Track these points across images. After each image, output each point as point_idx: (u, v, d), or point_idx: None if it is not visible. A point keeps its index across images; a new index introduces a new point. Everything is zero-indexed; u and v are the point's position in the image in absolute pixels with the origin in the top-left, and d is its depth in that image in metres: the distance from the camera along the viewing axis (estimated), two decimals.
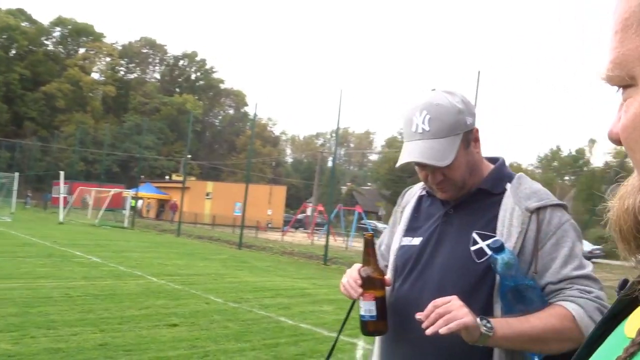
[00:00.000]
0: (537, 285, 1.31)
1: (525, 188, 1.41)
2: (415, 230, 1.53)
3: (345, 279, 1.47)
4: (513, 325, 1.23)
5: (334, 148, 23.67)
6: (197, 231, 27.46)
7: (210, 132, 77.33)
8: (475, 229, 1.40)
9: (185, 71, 79.29)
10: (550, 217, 1.36)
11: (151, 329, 6.16)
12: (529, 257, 1.33)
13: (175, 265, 12.56)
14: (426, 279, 1.42)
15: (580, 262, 1.34)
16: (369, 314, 1.41)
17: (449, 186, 1.43)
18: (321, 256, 16.99)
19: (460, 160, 1.40)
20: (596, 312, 1.26)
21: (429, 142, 1.37)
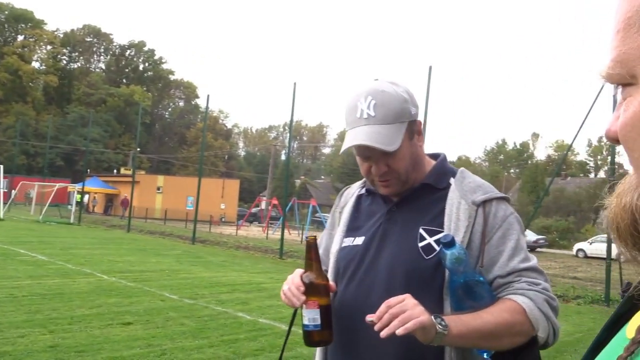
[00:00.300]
0: (485, 280, 1.29)
1: (469, 182, 1.41)
2: (357, 230, 1.48)
3: (286, 286, 1.38)
4: (467, 322, 1.21)
5: (288, 141, 23.60)
6: (148, 226, 26.85)
7: (160, 124, 75.54)
8: (422, 225, 1.37)
9: (133, 61, 76.98)
10: (496, 210, 1.36)
11: (104, 328, 5.96)
12: (476, 252, 1.32)
13: (126, 262, 12.21)
14: (372, 280, 1.36)
15: (526, 255, 1.34)
16: (312, 323, 1.32)
17: (393, 180, 1.39)
18: (277, 250, 16.94)
19: (405, 150, 1.37)
20: (545, 304, 1.27)
21: (375, 127, 1.33)
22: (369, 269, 1.38)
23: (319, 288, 1.34)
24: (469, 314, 1.22)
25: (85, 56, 73.90)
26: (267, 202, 37.46)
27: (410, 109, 1.38)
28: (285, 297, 1.37)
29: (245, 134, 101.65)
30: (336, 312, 1.39)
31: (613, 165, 11.40)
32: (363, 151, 1.39)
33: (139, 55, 77.11)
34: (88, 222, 27.64)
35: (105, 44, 75.78)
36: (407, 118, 1.37)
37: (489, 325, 1.21)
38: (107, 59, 76.01)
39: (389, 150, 1.33)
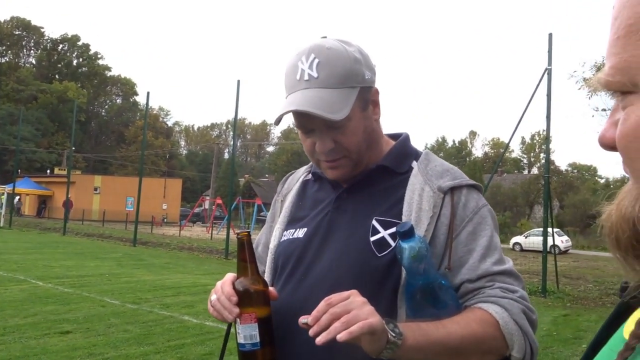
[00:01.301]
0: (449, 284, 1.07)
1: (435, 165, 1.18)
2: (299, 220, 1.25)
3: (214, 296, 1.09)
4: (427, 332, 0.97)
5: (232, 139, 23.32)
6: (86, 229, 25.83)
7: (96, 122, 72.74)
8: (375, 216, 1.14)
9: (66, 56, 73.63)
10: (466, 199, 1.13)
11: (40, 338, 5.66)
12: (440, 250, 1.09)
13: (63, 267, 11.68)
14: (314, 280, 1.13)
15: (501, 256, 1.12)
16: (250, 341, 1.06)
17: (342, 160, 1.16)
18: (222, 250, 16.69)
19: (356, 123, 1.14)
20: (521, 315, 1.05)
21: (318, 91, 1.10)
22: (310, 267, 1.15)
23: (256, 296, 1.08)
24: (430, 322, 1.00)
25: (13, 50, 70.07)
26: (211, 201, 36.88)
27: (364, 72, 1.14)
28: (215, 311, 1.09)
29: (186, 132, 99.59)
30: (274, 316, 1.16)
31: (548, 162, 11.92)
32: (302, 121, 1.14)
33: (73, 50, 73.89)
34: (20, 226, 26.30)
35: (35, 38, 72.13)
36: (359, 83, 1.13)
37: (454, 338, 0.98)
38: (37, 54, 72.40)
39: (333, 119, 1.08)
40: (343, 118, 1.10)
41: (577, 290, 11.34)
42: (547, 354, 5.97)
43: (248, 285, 1.08)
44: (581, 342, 6.55)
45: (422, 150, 1.25)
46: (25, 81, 63.43)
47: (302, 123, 1.16)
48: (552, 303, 9.74)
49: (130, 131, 67.75)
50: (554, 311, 8.84)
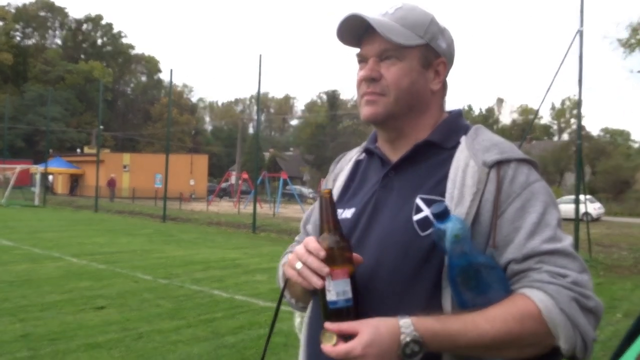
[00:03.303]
0: (496, 264, 1.00)
1: (483, 140, 1.11)
2: (348, 200, 1.23)
3: (299, 264, 1.04)
4: (453, 336, 0.94)
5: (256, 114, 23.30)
6: (116, 206, 26.37)
7: (123, 101, 73.55)
8: (420, 193, 1.09)
9: (90, 36, 74.20)
10: (514, 173, 1.05)
11: (77, 313, 5.82)
12: (486, 228, 1.02)
13: (96, 244, 11.96)
14: None
15: (555, 234, 1.01)
16: (343, 297, 1.00)
17: (379, 96, 1.14)
18: (249, 225, 16.84)
19: (408, 67, 1.13)
20: (572, 303, 0.94)
21: (387, 19, 1.13)
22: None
23: (345, 252, 1.04)
24: (460, 321, 0.95)
25: (39, 32, 70.87)
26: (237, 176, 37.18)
27: (437, 36, 1.16)
28: (301, 277, 1.04)
29: (211, 108, 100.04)
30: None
31: (579, 127, 11.58)
32: (350, 27, 1.14)
33: (97, 30, 74.40)
34: (54, 204, 27.00)
35: (60, 19, 72.75)
36: (428, 39, 1.14)
37: (486, 339, 0.94)
38: (63, 34, 73.12)
39: (392, 40, 1.09)
40: (394, 46, 1.11)
41: (610, 258, 11.12)
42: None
43: (334, 241, 1.04)
44: (615, 311, 6.43)
45: (474, 126, 1.18)
46: (52, 62, 64.30)
47: (361, 49, 1.17)
48: None
49: (156, 108, 68.35)
50: None
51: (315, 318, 1.20)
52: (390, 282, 1.07)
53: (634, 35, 12.31)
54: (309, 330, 1.23)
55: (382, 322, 0.96)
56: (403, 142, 1.19)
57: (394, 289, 1.06)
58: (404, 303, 0.99)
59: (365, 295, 1.07)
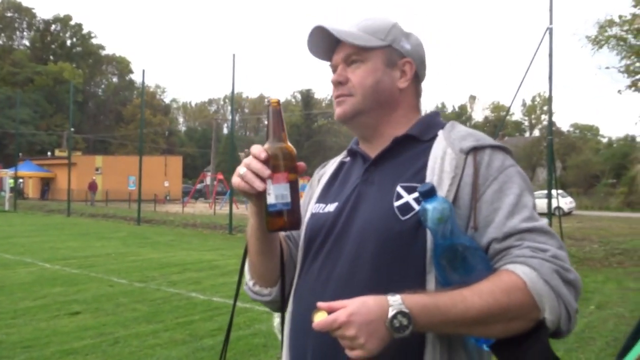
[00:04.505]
0: (477, 245, 1.03)
1: (459, 131, 1.18)
2: (331, 196, 1.27)
3: (242, 169, 1.08)
4: (442, 309, 0.95)
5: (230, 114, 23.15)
6: (89, 209, 25.93)
7: (94, 102, 72.19)
8: (400, 182, 1.14)
9: (59, 37, 72.59)
10: (490, 159, 1.10)
11: (50, 320, 5.71)
12: (466, 210, 1.06)
13: (69, 248, 11.75)
14: (340, 251, 1.14)
15: (531, 214, 1.06)
16: (282, 200, 1.05)
17: (347, 97, 1.21)
18: (225, 225, 16.73)
19: (372, 68, 1.20)
20: (554, 275, 0.97)
21: (348, 27, 1.22)
22: (339, 239, 1.16)
23: (288, 157, 1.08)
24: (448, 295, 0.97)
25: (6, 33, 69.09)
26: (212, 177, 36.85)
27: (400, 38, 1.23)
28: (243, 181, 1.07)
29: (184, 109, 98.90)
30: (299, 289, 1.21)
31: (550, 124, 11.82)
32: (317, 40, 1.23)
33: (66, 30, 72.89)
34: (24, 209, 26.40)
35: (27, 19, 71.07)
36: (390, 41, 1.21)
37: (474, 312, 0.95)
38: (31, 35, 71.46)
39: (345, 40, 1.18)
40: (356, 50, 1.20)
41: (582, 252, 11.37)
42: None
43: (278, 148, 1.09)
44: (588, 303, 6.57)
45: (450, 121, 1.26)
46: (20, 64, 62.78)
47: (317, 42, 1.24)
48: None
49: (128, 110, 67.31)
50: None
51: (297, 313, 1.21)
52: (373, 267, 1.09)
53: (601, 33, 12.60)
54: (292, 325, 1.23)
55: (371, 296, 0.97)
56: (380, 139, 1.24)
57: (378, 274, 1.08)
58: (388, 287, 0.99)
59: (349, 279, 1.10)
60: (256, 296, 1.31)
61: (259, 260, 1.25)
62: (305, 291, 1.19)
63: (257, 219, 1.17)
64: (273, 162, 1.07)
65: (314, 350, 1.13)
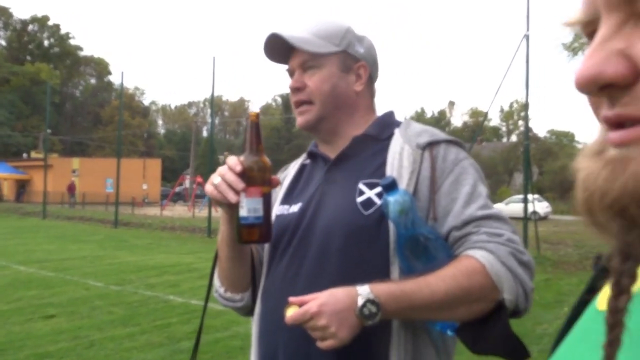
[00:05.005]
0: (438, 234, 1.09)
1: (414, 127, 1.24)
2: (295, 197, 1.30)
3: (217, 179, 1.11)
4: (408, 294, 0.99)
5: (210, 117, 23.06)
6: (66, 212, 25.52)
7: (71, 104, 71.15)
8: (361, 179, 1.18)
9: (37, 37, 71.46)
10: (445, 153, 1.17)
11: (24, 323, 5.61)
12: (425, 202, 1.11)
13: (44, 251, 11.56)
14: (307, 248, 1.17)
15: (486, 202, 1.12)
16: (254, 214, 1.08)
17: (306, 105, 1.24)
18: (204, 229, 16.62)
19: (328, 74, 1.23)
20: (510, 257, 1.03)
21: (304, 34, 1.24)
22: (304, 237, 1.19)
23: (262, 172, 1.11)
24: (413, 282, 1.01)
25: None
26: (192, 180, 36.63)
27: (354, 43, 1.26)
28: (217, 191, 1.11)
29: (164, 111, 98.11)
30: (267, 289, 1.23)
31: (527, 129, 12.03)
32: (274, 45, 1.25)
33: (43, 31, 71.77)
34: None
35: (4, 19, 69.85)
36: (344, 46, 1.25)
37: (439, 295, 0.99)
38: (7, 35, 70.20)
39: (300, 47, 1.21)
40: (312, 56, 1.22)
41: (557, 255, 11.57)
42: (529, 318, 6.08)
43: (254, 161, 1.12)
44: (562, 305, 6.70)
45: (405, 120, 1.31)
46: None
47: (273, 51, 1.27)
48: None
49: (106, 112, 66.49)
50: (535, 276, 8.98)
51: (265, 311, 1.23)
52: (340, 261, 1.13)
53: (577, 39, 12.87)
54: (261, 324, 1.24)
55: (341, 288, 1.01)
56: (339, 141, 1.29)
57: (344, 268, 1.12)
58: (355, 279, 1.03)
59: (317, 275, 1.13)
60: (227, 302, 1.33)
61: (230, 266, 1.27)
62: (273, 290, 1.21)
63: (229, 227, 1.20)
64: (248, 175, 1.10)
65: (286, 345, 1.15)
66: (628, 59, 0.33)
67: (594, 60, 0.34)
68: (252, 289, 1.30)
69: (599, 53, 0.34)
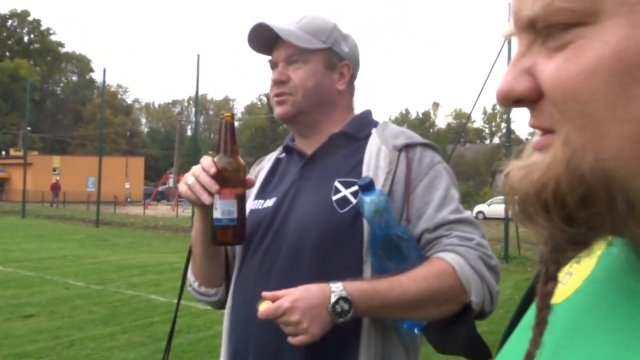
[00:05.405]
0: (411, 235, 1.11)
1: (392, 129, 1.25)
2: (270, 192, 1.30)
3: (191, 179, 1.12)
4: (382, 294, 1.01)
5: (194, 116, 22.96)
6: (46, 211, 25.19)
7: (52, 101, 70.22)
8: (338, 178, 1.19)
9: (16, 33, 70.41)
10: (420, 155, 1.19)
11: (3, 323, 5.53)
12: (399, 204, 1.14)
13: (23, 250, 11.38)
14: (280, 243, 1.18)
15: (458, 206, 1.15)
16: (228, 216, 1.09)
17: (288, 96, 1.23)
18: (188, 228, 16.50)
19: (313, 70, 1.24)
20: (479, 261, 1.07)
21: (292, 27, 1.24)
22: (278, 232, 1.20)
23: (236, 174, 1.12)
24: (387, 281, 1.03)
25: None
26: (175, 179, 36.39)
27: (340, 41, 1.27)
28: (192, 193, 1.10)
29: (147, 110, 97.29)
30: (240, 283, 1.23)
31: (509, 131, 12.16)
32: (258, 35, 1.24)
33: (23, 26, 70.72)
34: None
35: None
36: (330, 44, 1.25)
37: (410, 295, 1.02)
38: None
39: (293, 44, 1.21)
40: (298, 50, 1.22)
41: (538, 255, 11.71)
42: (509, 317, 6.14)
43: (228, 162, 1.11)
44: None
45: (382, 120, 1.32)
46: None
47: (258, 41, 1.26)
48: (514, 268, 10.06)
49: (88, 109, 65.79)
50: (516, 276, 9.13)
51: (237, 306, 1.24)
52: (313, 257, 1.13)
53: None
54: (232, 318, 1.24)
55: (314, 284, 1.03)
56: (316, 137, 1.29)
57: (318, 264, 1.12)
58: (328, 276, 1.05)
59: (290, 270, 1.14)
60: (202, 297, 1.33)
61: (204, 262, 1.28)
62: (246, 285, 1.21)
63: (202, 224, 1.20)
64: (222, 176, 1.10)
65: (257, 339, 1.15)
66: (533, 77, 0.36)
67: (507, 78, 0.37)
68: (226, 283, 1.30)
69: (511, 71, 0.37)
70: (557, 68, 0.35)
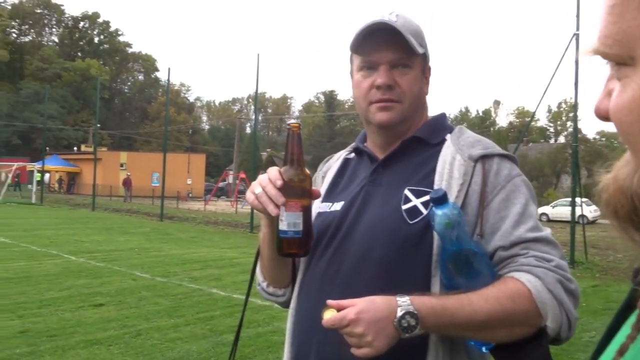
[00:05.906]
0: (484, 251, 1.05)
1: (468, 137, 1.19)
2: (337, 195, 1.27)
3: (258, 189, 1.10)
4: (449, 311, 0.97)
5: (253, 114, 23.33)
6: (114, 204, 26.34)
7: (120, 99, 73.36)
8: (408, 186, 1.15)
9: (87, 34, 73.96)
10: (498, 167, 1.12)
11: (75, 311, 5.84)
12: (473, 217, 1.08)
13: (93, 242, 11.97)
14: (347, 249, 1.15)
15: (536, 224, 1.08)
16: (293, 228, 1.08)
17: (395, 103, 1.17)
18: (247, 224, 16.84)
19: (417, 75, 1.20)
20: (557, 285, 1.01)
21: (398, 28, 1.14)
22: (346, 237, 1.16)
23: (302, 185, 1.10)
24: (455, 298, 0.98)
25: (36, 29, 70.64)
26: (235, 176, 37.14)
27: (426, 44, 1.23)
28: (258, 202, 1.10)
29: (208, 108, 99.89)
30: (305, 286, 1.22)
31: (576, 130, 11.66)
32: (373, 52, 1.16)
33: (94, 27, 74.19)
34: (51, 202, 26.93)
35: (56, 16, 72.52)
36: (424, 48, 1.21)
37: (480, 315, 0.97)
38: (59, 32, 72.88)
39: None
40: (407, 55, 1.16)
41: (606, 261, 11.18)
42: (576, 326, 5.92)
43: (295, 174, 1.10)
44: (611, 312, 6.38)
45: (458, 126, 1.26)
46: (49, 59, 64.06)
47: (370, 56, 1.17)
48: (581, 274, 9.63)
49: (153, 107, 68.25)
50: (582, 282, 8.74)
51: (301, 309, 1.22)
52: (380, 267, 1.10)
53: None
54: (296, 321, 1.24)
55: (380, 296, 0.99)
56: (393, 140, 1.24)
57: (384, 275, 1.10)
58: (394, 288, 1.02)
59: (357, 280, 1.11)
60: (270, 297, 1.34)
61: (272, 265, 1.28)
62: (310, 289, 1.20)
63: (269, 230, 1.21)
64: (288, 187, 1.09)
65: (320, 346, 1.14)
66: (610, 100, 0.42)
67: (598, 97, 0.42)
68: (292, 284, 1.29)
69: (602, 91, 0.43)
70: (614, 98, 0.40)
